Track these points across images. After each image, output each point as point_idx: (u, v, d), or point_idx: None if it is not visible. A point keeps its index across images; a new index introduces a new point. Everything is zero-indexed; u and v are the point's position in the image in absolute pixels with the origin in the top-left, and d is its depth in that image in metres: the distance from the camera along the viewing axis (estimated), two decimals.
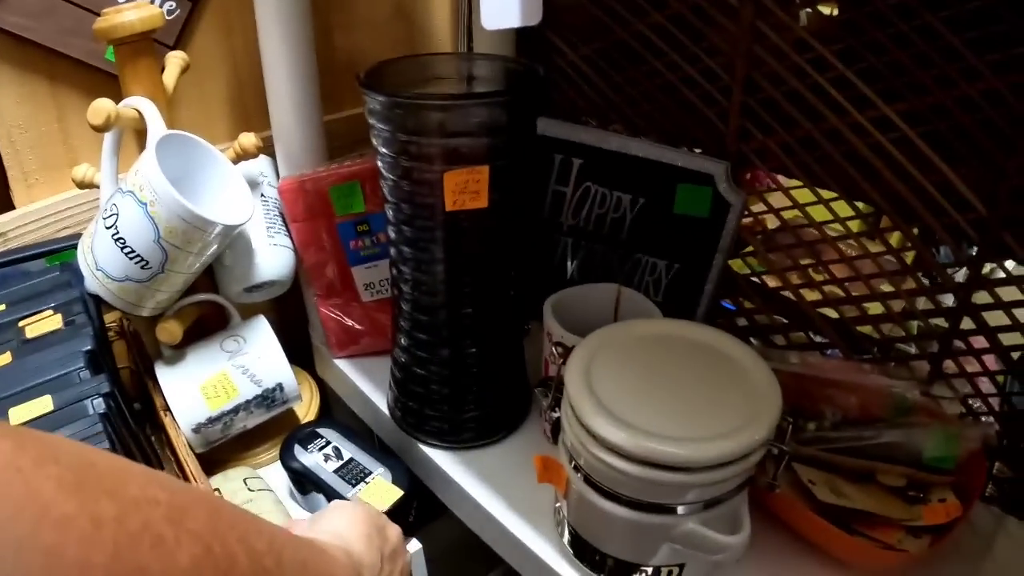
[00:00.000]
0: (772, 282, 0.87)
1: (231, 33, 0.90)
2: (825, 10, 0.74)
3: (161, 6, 0.80)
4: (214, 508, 0.38)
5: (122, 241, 0.69)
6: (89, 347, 0.70)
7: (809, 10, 0.75)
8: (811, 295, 0.84)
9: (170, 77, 0.78)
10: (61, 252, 0.80)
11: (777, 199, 0.84)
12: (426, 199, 0.67)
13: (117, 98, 0.72)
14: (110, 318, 0.84)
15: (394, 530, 0.59)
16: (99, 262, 0.71)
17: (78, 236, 0.77)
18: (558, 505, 0.67)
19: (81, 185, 0.77)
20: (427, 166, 0.66)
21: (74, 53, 0.79)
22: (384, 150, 0.67)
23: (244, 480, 0.82)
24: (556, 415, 0.64)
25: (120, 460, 0.35)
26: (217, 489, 0.80)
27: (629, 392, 0.59)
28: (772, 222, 0.85)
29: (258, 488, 0.82)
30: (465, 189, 0.66)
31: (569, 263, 0.91)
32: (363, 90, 0.65)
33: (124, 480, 0.33)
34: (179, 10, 0.84)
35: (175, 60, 0.79)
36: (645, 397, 0.59)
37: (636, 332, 0.66)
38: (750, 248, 0.86)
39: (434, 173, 0.65)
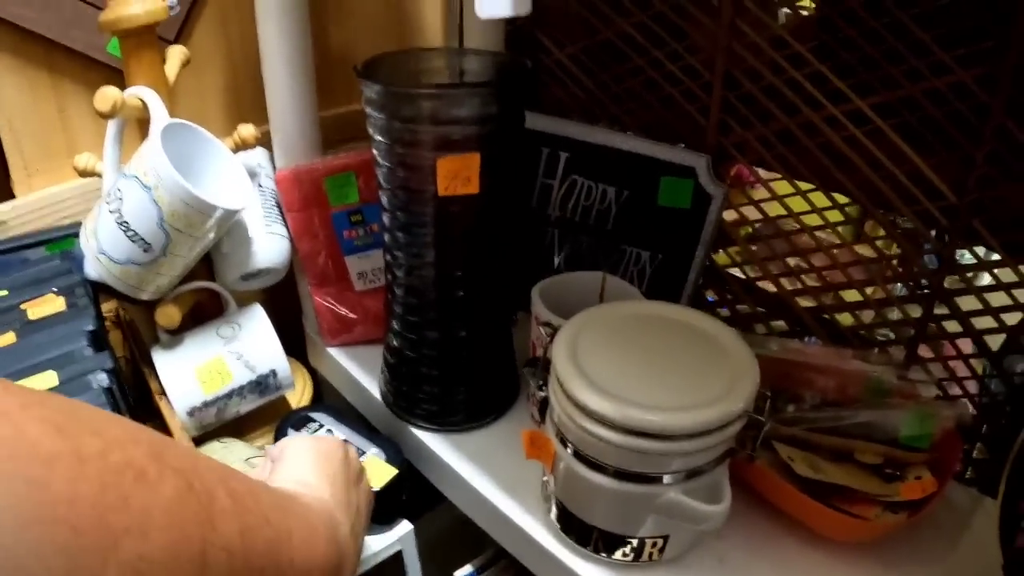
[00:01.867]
0: (752, 272, 0.90)
1: (228, 28, 0.93)
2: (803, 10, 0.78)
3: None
4: (193, 452, 0.40)
5: (126, 225, 0.71)
6: (92, 327, 0.72)
7: (787, 9, 0.78)
8: (790, 285, 0.86)
9: (171, 70, 0.80)
10: (61, 240, 0.81)
11: (757, 191, 0.87)
12: (419, 185, 0.69)
13: None
14: (106, 308, 0.85)
15: (351, 451, 0.63)
16: (102, 246, 0.73)
17: (78, 225, 0.79)
18: (545, 479, 0.69)
19: (83, 173, 0.79)
20: (421, 153, 0.68)
21: (75, 45, 0.81)
22: (380, 138, 0.69)
23: (218, 439, 0.83)
24: (543, 394, 0.66)
25: (105, 412, 0.37)
26: None
27: (614, 366, 0.61)
28: (752, 214, 0.88)
29: (231, 442, 0.83)
30: (457, 175, 0.68)
31: (556, 254, 0.93)
32: (361, 80, 0.68)
33: (108, 423, 0.35)
34: (179, 6, 0.86)
35: (176, 53, 0.81)
36: (629, 371, 0.61)
37: (620, 312, 0.69)
38: (734, 245, 0.89)
39: (427, 159, 0.67)
